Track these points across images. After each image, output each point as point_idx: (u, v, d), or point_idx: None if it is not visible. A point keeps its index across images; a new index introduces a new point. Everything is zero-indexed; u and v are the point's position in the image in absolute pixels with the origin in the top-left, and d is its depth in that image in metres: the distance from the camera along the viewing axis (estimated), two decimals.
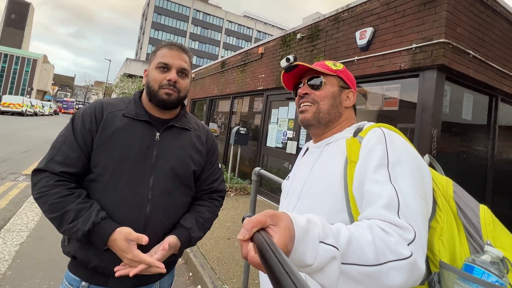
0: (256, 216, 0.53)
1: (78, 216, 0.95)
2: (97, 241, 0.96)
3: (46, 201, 0.97)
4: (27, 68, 65.35)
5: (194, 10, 63.76)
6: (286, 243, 0.51)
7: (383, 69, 3.97)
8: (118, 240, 0.95)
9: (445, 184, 0.82)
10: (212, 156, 1.26)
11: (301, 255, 0.54)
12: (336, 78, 0.99)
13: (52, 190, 0.97)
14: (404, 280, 0.59)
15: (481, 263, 0.67)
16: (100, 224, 0.96)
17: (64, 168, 1.00)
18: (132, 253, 0.95)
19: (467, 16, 3.61)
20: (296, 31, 5.90)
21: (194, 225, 1.12)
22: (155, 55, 1.14)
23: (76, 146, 1.03)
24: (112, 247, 0.97)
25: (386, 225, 0.64)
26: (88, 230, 0.94)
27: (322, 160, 0.92)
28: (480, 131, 4.30)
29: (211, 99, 10.17)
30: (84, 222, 0.94)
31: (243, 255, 0.52)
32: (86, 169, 1.05)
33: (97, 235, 0.95)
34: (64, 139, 1.05)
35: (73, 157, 1.02)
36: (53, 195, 0.97)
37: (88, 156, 1.04)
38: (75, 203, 0.97)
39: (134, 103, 1.14)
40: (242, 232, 0.51)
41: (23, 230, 3.56)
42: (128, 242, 0.95)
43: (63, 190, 0.98)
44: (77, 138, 1.04)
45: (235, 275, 2.94)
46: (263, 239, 0.48)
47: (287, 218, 0.55)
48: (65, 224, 0.95)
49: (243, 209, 5.16)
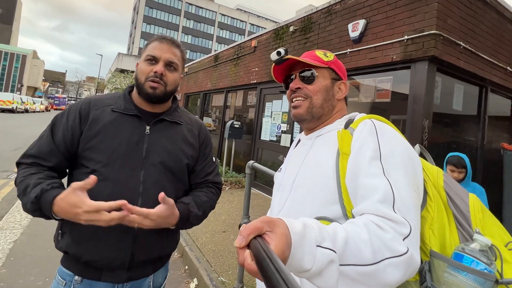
0: (253, 223, 0.52)
1: (34, 187, 0.94)
2: (45, 205, 0.91)
3: (17, 182, 1.00)
4: (16, 64, 63.96)
5: (186, 3, 62.81)
6: (283, 249, 0.51)
7: (376, 61, 3.97)
8: (66, 196, 0.88)
9: (435, 174, 0.83)
10: (205, 149, 1.26)
11: (299, 261, 0.54)
12: (328, 70, 0.97)
13: (21, 170, 1.02)
14: (401, 275, 0.60)
15: (470, 251, 0.68)
16: (49, 190, 0.93)
17: (35, 160, 1.03)
18: (86, 203, 0.86)
19: (458, 7, 3.62)
20: (289, 24, 5.87)
21: (192, 202, 1.12)
22: (146, 48, 1.13)
23: (50, 141, 1.05)
24: (62, 211, 0.90)
25: (381, 220, 0.64)
26: (36, 196, 0.91)
27: (313, 152, 0.92)
28: (470, 122, 4.36)
29: (204, 93, 10.10)
30: (35, 191, 0.93)
31: (239, 262, 0.51)
32: (63, 164, 1.07)
33: (44, 200, 0.91)
34: (43, 134, 1.08)
35: (45, 152, 1.04)
36: (21, 174, 1.00)
37: (64, 152, 1.05)
38: (36, 178, 0.97)
39: (123, 98, 1.13)
40: (239, 239, 0.51)
41: (16, 228, 3.53)
42: (76, 194, 0.87)
43: (31, 169, 1.01)
44: (54, 134, 1.06)
45: (231, 267, 2.96)
46: (260, 246, 0.47)
47: (283, 224, 0.55)
48: (23, 197, 0.95)
49: (238, 202, 5.18)
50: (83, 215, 0.86)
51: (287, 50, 0.98)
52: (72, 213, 0.88)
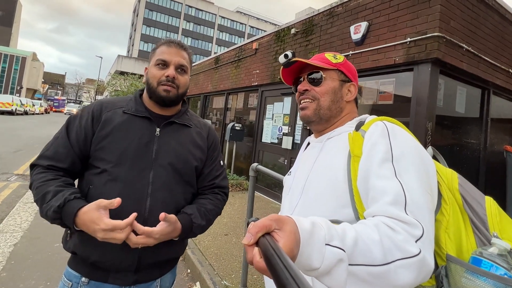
0: (261, 221, 0.52)
1: (55, 195, 0.96)
2: (67, 216, 0.93)
3: (33, 187, 1.00)
4: (16, 66, 63.98)
5: (186, 6, 63.03)
6: (292, 247, 0.51)
7: (378, 63, 3.97)
8: (89, 211, 0.91)
9: (450, 176, 0.82)
10: (213, 152, 1.26)
11: (307, 259, 0.54)
12: (336, 72, 0.97)
13: (39, 175, 1.02)
14: (413, 278, 0.59)
15: (489, 255, 0.67)
16: (72, 201, 0.95)
17: (51, 162, 1.04)
18: (104, 222, 0.89)
19: (460, 9, 3.63)
20: (290, 26, 5.87)
21: (196, 212, 1.11)
22: (154, 52, 1.16)
23: (67, 142, 1.06)
24: (83, 224, 0.92)
25: (393, 222, 0.63)
26: (58, 205, 0.93)
27: (324, 154, 0.91)
28: (473, 124, 4.35)
29: (205, 96, 10.10)
30: (57, 199, 0.94)
31: (248, 260, 0.51)
32: (77, 165, 1.08)
33: (67, 211, 0.93)
34: (58, 135, 1.09)
35: (61, 153, 1.05)
36: (39, 179, 1.00)
37: (78, 153, 1.07)
38: (55, 185, 0.98)
39: (134, 101, 1.16)
40: (247, 237, 0.51)
41: (16, 231, 3.51)
42: (99, 211, 0.90)
43: (48, 175, 1.02)
44: (69, 134, 1.07)
45: (234, 271, 2.94)
46: (269, 244, 0.47)
47: (292, 222, 0.54)
48: (44, 204, 0.95)
49: (239, 204, 5.16)
50: (100, 233, 0.89)
51: (294, 52, 0.98)
52: (91, 229, 0.91)
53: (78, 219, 0.93)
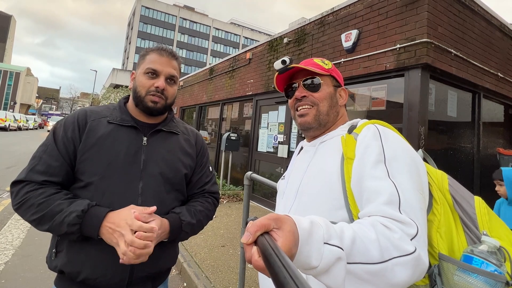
0: (260, 220, 0.52)
1: (71, 203, 0.92)
2: (92, 220, 0.90)
3: (32, 204, 0.92)
4: (9, 82, 63.88)
5: (181, 18, 63.77)
6: (290, 246, 0.51)
7: (369, 70, 4.03)
8: (123, 211, 0.92)
9: (440, 177, 0.83)
10: (202, 158, 1.24)
11: (306, 258, 0.54)
12: (329, 77, 0.99)
13: (36, 191, 0.94)
14: (409, 275, 0.60)
15: (480, 253, 0.67)
16: (96, 206, 0.94)
17: (46, 177, 0.97)
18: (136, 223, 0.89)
19: (447, 16, 3.71)
20: (283, 35, 5.96)
21: (184, 210, 1.09)
22: (144, 59, 1.11)
23: (58, 155, 0.99)
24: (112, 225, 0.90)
25: (388, 221, 0.64)
26: (82, 210, 0.90)
27: (317, 158, 0.92)
28: (465, 128, 4.40)
29: (200, 106, 10.13)
30: (77, 205, 0.91)
31: (246, 259, 0.51)
32: (70, 178, 1.02)
33: (93, 214, 0.91)
34: (45, 148, 1.01)
35: (55, 166, 0.98)
36: (39, 195, 0.93)
37: (70, 165, 1.01)
38: (65, 197, 0.95)
39: (119, 109, 1.12)
40: (246, 236, 0.51)
41: (7, 249, 3.43)
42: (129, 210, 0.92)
43: (49, 190, 0.95)
44: (58, 147, 1.00)
45: (231, 283, 2.89)
46: (267, 243, 0.48)
47: (290, 221, 0.55)
48: (55, 215, 0.90)
49: (236, 215, 5.11)
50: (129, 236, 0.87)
51: (291, 58, 0.99)
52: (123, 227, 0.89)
53: (106, 222, 0.91)
